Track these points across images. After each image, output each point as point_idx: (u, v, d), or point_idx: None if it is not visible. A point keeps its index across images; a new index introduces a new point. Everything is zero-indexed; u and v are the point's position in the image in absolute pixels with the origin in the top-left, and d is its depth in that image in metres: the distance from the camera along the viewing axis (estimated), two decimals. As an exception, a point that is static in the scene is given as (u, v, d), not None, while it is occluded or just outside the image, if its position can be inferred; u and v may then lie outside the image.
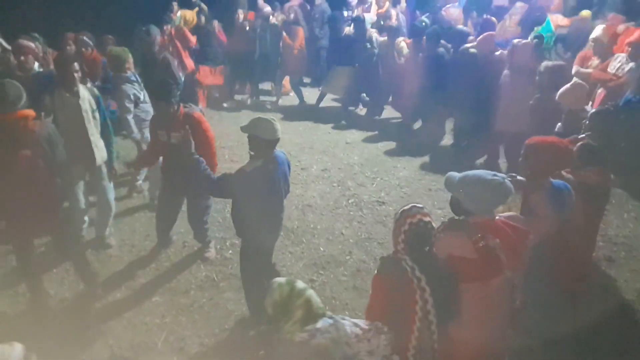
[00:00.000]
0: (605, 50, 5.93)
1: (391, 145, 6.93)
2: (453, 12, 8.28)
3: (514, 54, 5.32)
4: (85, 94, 4.13)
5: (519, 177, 3.10)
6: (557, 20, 6.99)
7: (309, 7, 9.29)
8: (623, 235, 4.60)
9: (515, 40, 5.39)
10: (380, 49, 7.24)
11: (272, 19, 8.06)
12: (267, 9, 8.20)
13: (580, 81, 4.51)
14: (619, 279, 4.05)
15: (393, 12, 8.12)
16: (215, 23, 8.19)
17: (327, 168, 6.27)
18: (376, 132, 7.38)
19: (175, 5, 8.54)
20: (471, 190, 2.41)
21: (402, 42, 6.88)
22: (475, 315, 2.36)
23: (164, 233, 4.50)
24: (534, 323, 3.15)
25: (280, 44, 8.07)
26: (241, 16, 8.09)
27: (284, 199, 3.44)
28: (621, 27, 6.22)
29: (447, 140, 6.96)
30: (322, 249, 4.60)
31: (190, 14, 8.20)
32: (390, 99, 7.64)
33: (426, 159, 6.48)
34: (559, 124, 4.40)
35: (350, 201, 5.45)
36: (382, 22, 7.80)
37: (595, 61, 5.94)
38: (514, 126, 5.12)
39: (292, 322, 1.98)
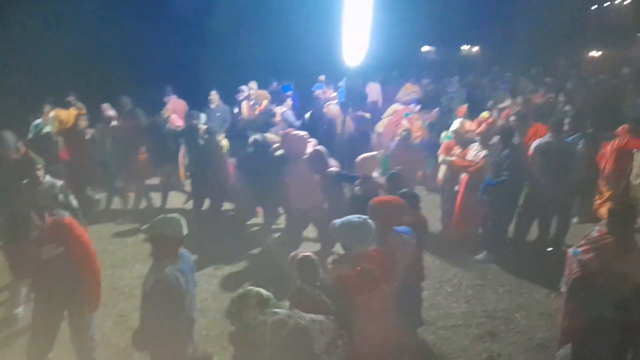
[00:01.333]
0: (463, 141, 6.76)
1: (279, 234, 6.90)
2: (332, 108, 8.97)
3: (286, 143, 5.97)
4: None
5: None
6: (464, 125, 7.85)
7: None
8: (501, 309, 4.95)
9: (289, 130, 6.16)
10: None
11: (114, 123, 7.50)
12: (109, 112, 7.58)
13: (373, 153, 5.58)
14: (502, 352, 4.30)
15: (277, 109, 8.56)
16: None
17: (220, 266, 6.04)
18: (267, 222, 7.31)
19: (47, 106, 8.00)
20: (345, 231, 3.23)
21: (224, 141, 7.25)
22: (367, 322, 3.06)
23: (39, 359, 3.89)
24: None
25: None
26: (83, 123, 7.25)
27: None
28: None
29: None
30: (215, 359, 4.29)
31: (66, 114, 7.80)
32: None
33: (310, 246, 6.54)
34: (357, 187, 5.20)
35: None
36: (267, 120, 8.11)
37: (457, 150, 6.72)
38: (304, 203, 5.79)
39: (251, 308, 2.60)
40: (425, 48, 32.34)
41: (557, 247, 6.03)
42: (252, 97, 9.69)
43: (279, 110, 8.62)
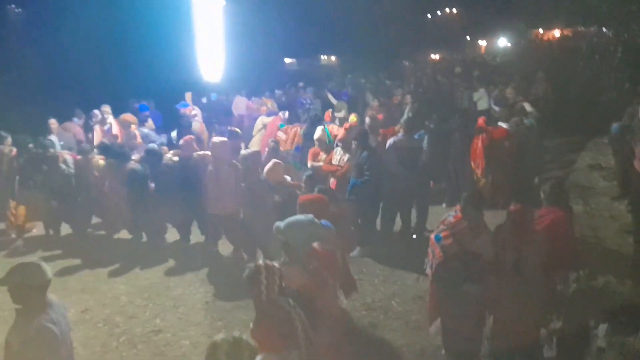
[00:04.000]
0: (327, 146, 7.09)
1: (161, 264, 6.51)
2: (195, 125, 8.77)
3: (214, 150, 6.11)
4: None
5: None
6: (332, 130, 8.05)
7: None
8: (378, 300, 5.26)
9: (214, 139, 6.42)
10: (75, 168, 7.31)
11: None
12: None
13: (274, 161, 5.84)
14: (383, 340, 4.58)
15: (137, 132, 8.14)
16: None
17: (88, 308, 5.51)
18: (146, 255, 6.77)
19: None
20: (295, 230, 3.27)
21: (100, 160, 7.13)
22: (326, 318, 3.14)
23: None
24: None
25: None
26: None
27: None
28: None
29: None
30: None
31: None
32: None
33: (199, 268, 6.29)
34: (276, 196, 5.58)
35: (121, 340, 4.86)
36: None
37: (323, 155, 7.02)
38: (225, 208, 5.97)
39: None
40: (287, 60, 33.25)
41: (419, 233, 6.60)
42: (107, 121, 9.07)
43: (137, 132, 8.20)
